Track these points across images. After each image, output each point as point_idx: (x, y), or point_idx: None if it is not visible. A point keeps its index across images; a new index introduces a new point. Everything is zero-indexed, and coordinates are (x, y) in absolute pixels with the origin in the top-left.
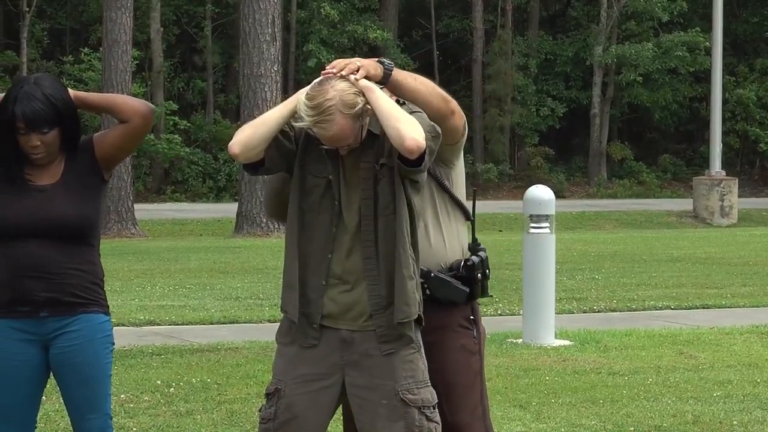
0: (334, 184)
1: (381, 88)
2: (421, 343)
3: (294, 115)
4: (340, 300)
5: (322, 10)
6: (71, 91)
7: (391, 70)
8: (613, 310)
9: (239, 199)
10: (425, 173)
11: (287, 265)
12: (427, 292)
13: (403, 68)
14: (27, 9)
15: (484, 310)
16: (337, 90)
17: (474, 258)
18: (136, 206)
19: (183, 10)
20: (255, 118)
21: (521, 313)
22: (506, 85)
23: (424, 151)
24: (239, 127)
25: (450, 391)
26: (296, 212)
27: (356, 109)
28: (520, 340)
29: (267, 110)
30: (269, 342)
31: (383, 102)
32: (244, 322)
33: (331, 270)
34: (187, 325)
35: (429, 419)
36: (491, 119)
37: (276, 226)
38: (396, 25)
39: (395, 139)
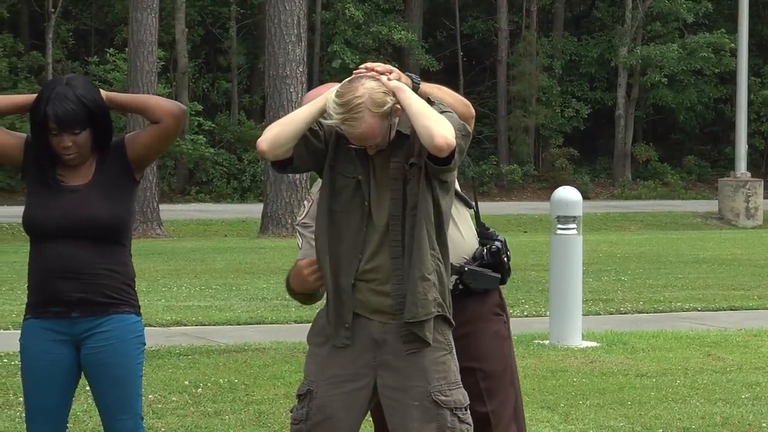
0: (364, 185)
1: None
2: (453, 343)
3: (323, 113)
4: (370, 299)
5: (346, 11)
6: (103, 92)
7: (419, 84)
8: (639, 312)
9: (264, 200)
10: (455, 172)
11: (319, 265)
12: (460, 286)
13: (428, 70)
14: (52, 10)
15: (511, 311)
16: (367, 88)
17: (497, 243)
18: (161, 206)
19: (208, 11)
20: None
21: (547, 314)
22: (531, 86)
23: (454, 150)
24: (264, 127)
25: (486, 378)
26: (326, 212)
27: (385, 107)
28: (547, 341)
29: (292, 111)
30: (296, 343)
31: (414, 101)
32: (271, 323)
33: (361, 270)
34: (213, 325)
35: (461, 420)
36: (516, 120)
37: None
38: (420, 26)
39: (425, 137)
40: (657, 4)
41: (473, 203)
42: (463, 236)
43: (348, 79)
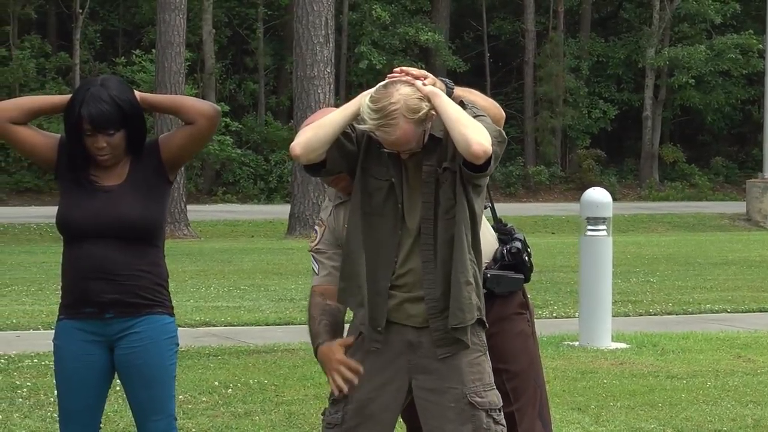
0: (397, 187)
1: None
2: (487, 345)
3: (356, 117)
4: (403, 303)
5: (373, 12)
6: (137, 93)
7: (453, 89)
8: (668, 313)
9: (292, 201)
10: (488, 177)
11: (353, 269)
12: (484, 291)
13: (454, 71)
14: (80, 11)
15: (539, 312)
16: (402, 94)
17: (516, 244)
18: (188, 207)
19: (235, 12)
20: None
21: (576, 315)
22: (558, 87)
23: (490, 156)
24: (290, 128)
25: (513, 379)
26: (360, 215)
27: (420, 114)
28: (577, 342)
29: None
30: None
31: (449, 107)
32: (300, 324)
33: (396, 274)
34: (242, 326)
35: (496, 422)
36: (542, 121)
37: None
38: (447, 27)
39: (462, 144)
40: (684, 5)
41: (489, 203)
42: (483, 237)
43: (382, 83)
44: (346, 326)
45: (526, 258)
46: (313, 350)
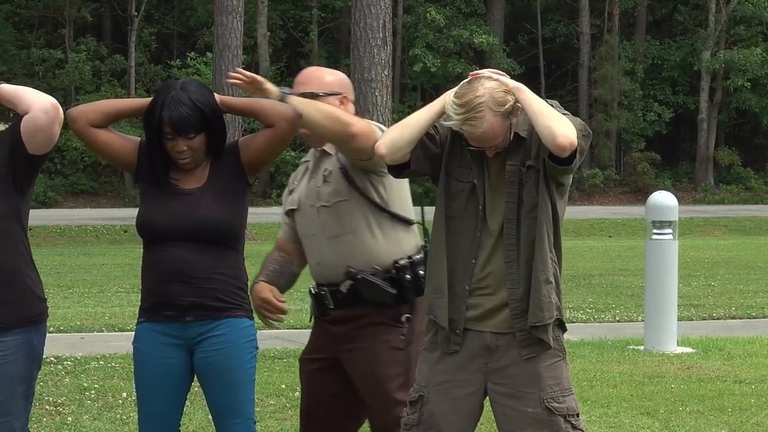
0: (479, 188)
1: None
2: (566, 348)
3: (441, 116)
4: (482, 305)
5: (428, 14)
6: (217, 96)
7: None
8: (732, 317)
9: None
10: (571, 176)
11: (434, 271)
12: (352, 291)
13: (509, 74)
14: (135, 14)
15: (602, 315)
16: (487, 88)
17: (405, 259)
18: None
19: (289, 15)
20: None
21: (639, 319)
22: (613, 90)
23: (576, 150)
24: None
25: (375, 382)
26: (442, 218)
27: (506, 106)
28: (642, 346)
29: (377, 115)
30: None
31: (534, 101)
32: None
33: (475, 275)
34: (305, 329)
35: (574, 427)
36: (597, 124)
37: None
38: (502, 30)
39: (547, 136)
40: (740, 7)
41: (418, 219)
42: (377, 246)
43: (466, 80)
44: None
45: (408, 277)
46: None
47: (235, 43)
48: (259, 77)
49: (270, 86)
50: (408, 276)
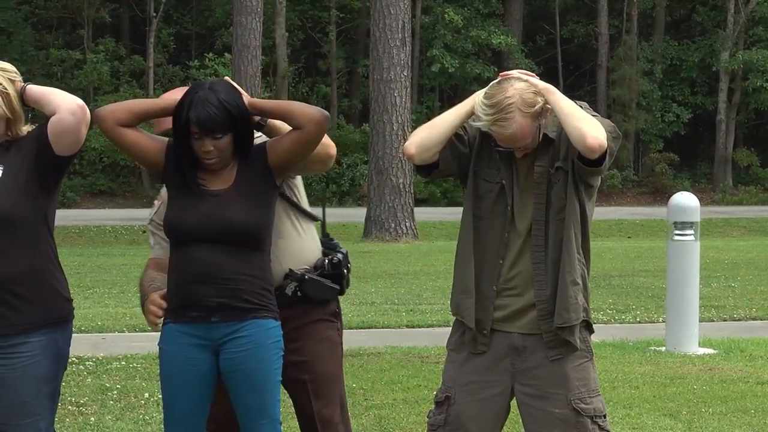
0: (507, 189)
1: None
2: (593, 350)
3: (470, 116)
4: (510, 306)
5: (446, 15)
6: (245, 97)
7: None
8: (753, 319)
9: (368, 204)
10: (599, 178)
11: (462, 271)
12: (299, 293)
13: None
14: (154, 14)
15: (623, 316)
16: (517, 89)
17: (338, 255)
18: None
19: (308, 16)
20: (385, 123)
21: (660, 320)
22: (631, 91)
23: (605, 151)
24: (363, 131)
25: (317, 379)
26: (470, 218)
27: (536, 108)
28: (663, 348)
29: (396, 115)
30: (410, 348)
31: (564, 102)
32: (382, 327)
33: (502, 275)
34: None
35: (601, 428)
36: (616, 125)
37: (405, 230)
38: (520, 31)
39: (576, 138)
40: (760, 8)
41: (320, 216)
42: (304, 246)
43: (496, 81)
44: None
45: (345, 271)
46: (142, 308)
47: (254, 43)
48: None
49: None
50: (345, 270)
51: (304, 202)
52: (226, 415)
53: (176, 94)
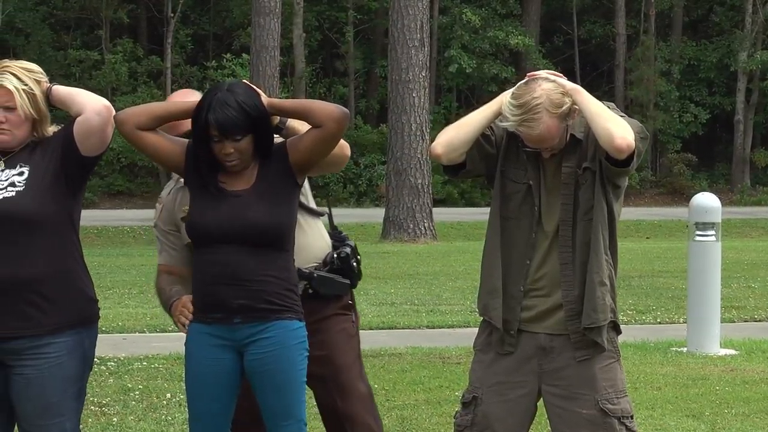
0: (534, 190)
1: None
2: (620, 350)
3: (498, 116)
4: (537, 306)
5: (463, 15)
6: (264, 97)
7: None
8: None
9: (386, 204)
10: (627, 178)
11: (489, 271)
12: (309, 291)
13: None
14: (171, 15)
15: (643, 317)
16: (545, 89)
17: (346, 249)
18: None
19: (325, 16)
20: (403, 124)
21: (681, 320)
22: (649, 91)
23: (633, 152)
24: (380, 132)
25: (337, 374)
26: (497, 219)
27: (563, 108)
28: (684, 348)
29: (415, 116)
30: (431, 348)
31: (591, 103)
32: (403, 328)
33: (529, 276)
34: None
35: (629, 429)
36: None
37: (423, 231)
38: (537, 31)
39: (604, 138)
40: None
41: (326, 211)
42: (311, 242)
43: (523, 81)
44: None
45: (354, 264)
46: (168, 310)
47: (272, 44)
48: None
49: None
50: (354, 262)
51: (309, 199)
52: (252, 414)
53: (179, 96)
